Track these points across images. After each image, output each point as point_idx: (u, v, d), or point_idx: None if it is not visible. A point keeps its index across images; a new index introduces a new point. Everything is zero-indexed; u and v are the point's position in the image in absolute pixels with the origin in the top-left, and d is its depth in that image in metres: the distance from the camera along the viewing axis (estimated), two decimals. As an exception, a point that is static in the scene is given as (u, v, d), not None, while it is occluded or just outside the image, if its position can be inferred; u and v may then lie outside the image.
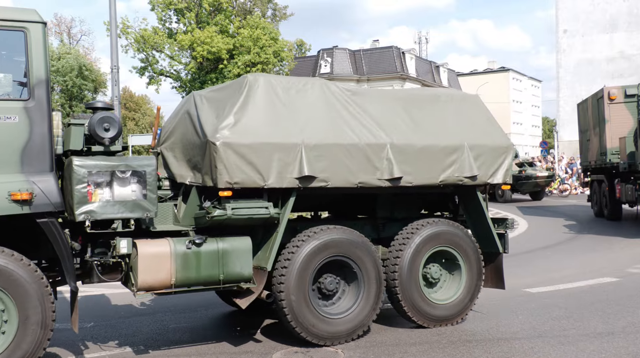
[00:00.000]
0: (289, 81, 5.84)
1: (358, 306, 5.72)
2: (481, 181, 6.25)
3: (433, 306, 6.13)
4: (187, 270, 5.20)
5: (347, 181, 5.60)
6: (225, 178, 5.12)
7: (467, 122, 6.42)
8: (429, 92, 6.85)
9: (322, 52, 62.10)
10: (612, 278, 8.71)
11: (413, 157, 5.87)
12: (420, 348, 5.60)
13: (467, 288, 6.30)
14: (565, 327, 6.19)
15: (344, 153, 5.55)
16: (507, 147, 6.50)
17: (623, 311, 6.79)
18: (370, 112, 5.93)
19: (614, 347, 5.51)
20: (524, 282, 8.54)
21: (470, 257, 6.30)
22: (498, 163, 6.37)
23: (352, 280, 5.79)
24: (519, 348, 5.55)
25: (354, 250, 5.68)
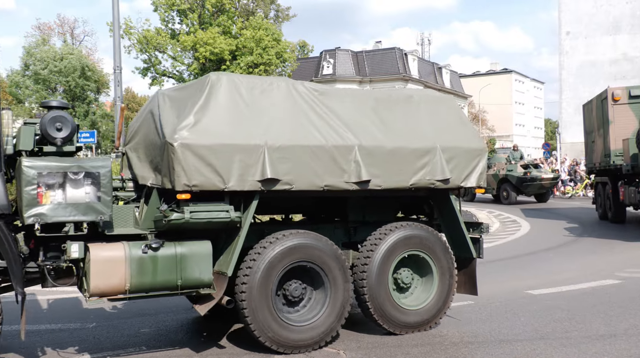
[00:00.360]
0: (253, 81, 5.68)
1: (324, 313, 5.54)
2: (454, 185, 6.11)
3: (403, 312, 5.95)
4: (142, 275, 5.02)
5: (313, 184, 5.43)
6: (183, 181, 4.94)
7: (440, 124, 6.26)
8: (401, 93, 6.65)
9: (324, 54, 62.10)
10: (615, 280, 8.70)
11: (382, 159, 5.72)
12: (423, 350, 5.60)
13: (439, 293, 6.12)
14: (568, 329, 6.19)
15: (310, 155, 5.39)
16: (481, 150, 6.33)
17: (625, 313, 6.78)
18: (339, 113, 5.76)
19: (616, 349, 5.51)
20: (526, 284, 8.54)
21: (442, 262, 6.14)
22: (472, 166, 6.22)
23: (318, 286, 5.62)
24: (521, 350, 5.54)
25: (319, 255, 5.50)
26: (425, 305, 6.08)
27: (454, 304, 7.27)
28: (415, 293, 6.20)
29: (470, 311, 7.02)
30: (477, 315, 6.81)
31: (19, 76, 55.76)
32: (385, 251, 5.85)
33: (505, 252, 12.12)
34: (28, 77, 55.87)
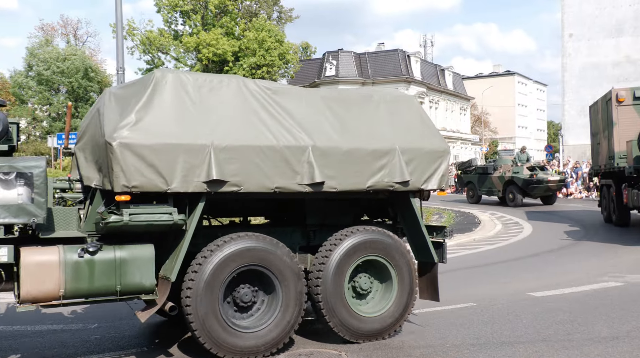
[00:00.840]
0: (202, 78, 5.46)
1: (275, 319, 5.34)
2: (414, 187, 5.92)
3: (361, 319, 5.74)
4: (78, 280, 4.80)
5: (263, 186, 5.23)
6: (122, 182, 4.72)
7: (400, 124, 6.07)
8: (360, 92, 6.44)
9: (327, 55, 62.12)
10: (617, 282, 8.68)
11: (338, 161, 5.53)
12: (424, 352, 5.59)
13: (399, 300, 5.91)
14: (570, 331, 6.18)
15: (260, 156, 5.20)
16: (443, 151, 6.15)
17: (627, 315, 6.77)
18: (293, 113, 5.57)
19: (618, 351, 5.50)
20: (528, 286, 8.53)
21: (402, 267, 5.92)
22: (433, 168, 6.03)
23: (271, 291, 5.41)
24: (523, 352, 5.54)
25: (270, 259, 5.29)
26: (383, 312, 5.86)
27: (454, 306, 7.32)
28: (375, 299, 5.98)
29: (472, 313, 7.01)
30: (478, 317, 6.80)
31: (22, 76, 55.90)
32: (341, 257, 5.64)
33: (507, 254, 12.11)
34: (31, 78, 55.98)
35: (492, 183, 24.98)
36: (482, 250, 12.84)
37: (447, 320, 6.71)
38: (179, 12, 50.30)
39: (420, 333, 6.21)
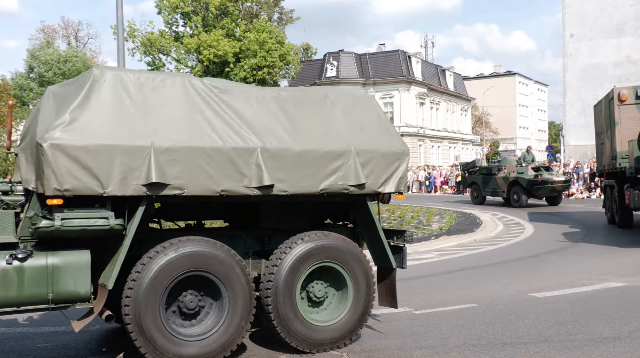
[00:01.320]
0: (145, 77, 5.19)
1: (221, 326, 5.10)
2: (370, 190, 5.70)
3: (313, 328, 5.49)
4: (6, 288, 4.57)
5: (208, 189, 5.01)
6: (54, 185, 4.50)
7: (357, 125, 5.86)
8: (314, 91, 6.13)
9: (328, 56, 62.17)
10: (619, 282, 8.67)
11: (289, 163, 5.33)
12: (426, 353, 5.59)
13: (354, 308, 5.67)
14: (572, 332, 6.17)
15: (204, 158, 4.98)
16: (402, 153, 5.92)
17: (629, 316, 6.76)
18: (241, 113, 5.35)
19: (620, 352, 5.49)
20: (530, 286, 8.52)
21: (358, 274, 5.68)
22: (390, 170, 5.82)
23: (218, 298, 5.18)
24: (525, 352, 5.53)
25: (215, 264, 5.06)
26: (337, 321, 5.63)
27: (455, 307, 7.32)
28: (331, 307, 5.76)
29: (473, 314, 7.01)
30: (480, 318, 6.80)
31: (23, 78, 56.00)
32: (293, 263, 5.41)
33: (509, 255, 12.10)
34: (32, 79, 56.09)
35: (497, 183, 24.81)
36: (483, 251, 12.84)
37: (449, 320, 6.71)
38: (179, 14, 50.36)
39: (422, 333, 6.20)
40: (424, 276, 9.75)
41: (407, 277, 9.67)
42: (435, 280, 9.46)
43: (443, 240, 14.41)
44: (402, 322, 6.70)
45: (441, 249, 13.14)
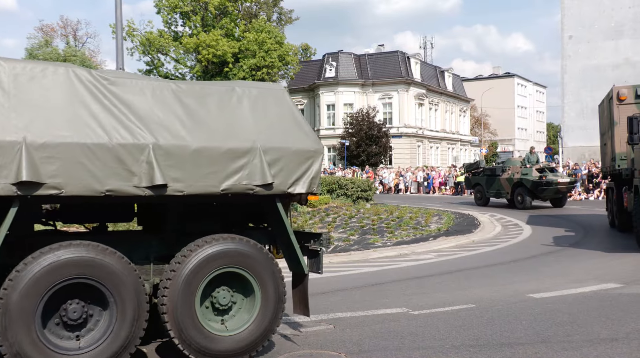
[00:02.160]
0: (21, 66, 4.74)
1: (107, 338, 4.69)
2: (279, 191, 5.37)
3: (214, 338, 5.11)
4: None
5: (90, 189, 4.62)
6: None
7: (265, 121, 5.52)
8: (221, 85, 5.75)
9: (327, 57, 62.18)
10: (616, 284, 8.69)
11: (185, 161, 4.98)
12: (424, 353, 5.60)
13: (261, 317, 5.31)
14: (569, 333, 6.18)
15: (87, 155, 4.59)
16: (315, 151, 5.62)
17: (627, 317, 6.77)
18: (134, 107, 4.96)
19: (618, 353, 5.51)
20: (527, 287, 8.54)
21: (266, 280, 5.32)
22: (301, 169, 5.50)
23: (106, 307, 4.77)
24: (523, 353, 5.54)
25: (99, 270, 4.63)
26: (242, 331, 5.26)
27: (453, 308, 7.32)
28: (238, 315, 5.37)
29: (471, 314, 7.02)
30: (478, 319, 6.81)
31: (22, 77, 55.69)
32: (193, 269, 5.03)
33: (507, 256, 12.12)
34: (31, 78, 55.76)
35: (501, 184, 24.58)
36: (481, 252, 12.85)
37: (447, 321, 6.72)
38: (178, 14, 50.36)
39: (420, 334, 6.21)
40: (422, 277, 9.76)
41: (405, 278, 9.71)
42: (433, 280, 9.47)
43: (441, 240, 14.42)
44: (400, 322, 6.71)
45: (439, 250, 13.16)
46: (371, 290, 8.66)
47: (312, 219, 18.06)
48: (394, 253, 12.47)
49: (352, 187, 27.67)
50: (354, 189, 27.51)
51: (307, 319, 6.81)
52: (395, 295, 8.21)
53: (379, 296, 8.19)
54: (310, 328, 6.44)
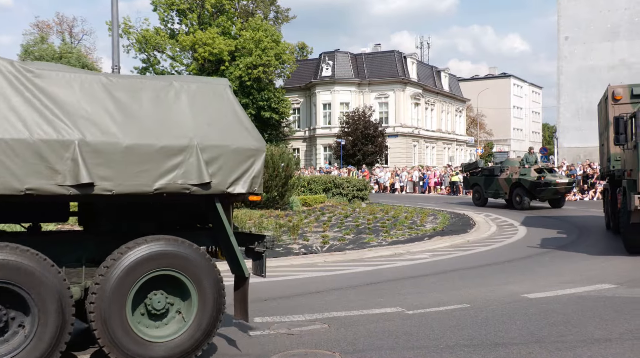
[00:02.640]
0: None
1: (29, 344, 4.46)
2: (217, 190, 5.14)
3: (146, 344, 4.87)
4: None
5: (8, 187, 4.38)
6: None
7: (204, 118, 5.28)
8: (158, 80, 5.51)
9: (323, 56, 62.14)
10: (610, 284, 8.72)
11: (115, 158, 4.74)
12: (418, 353, 5.60)
13: (198, 322, 5.08)
14: (563, 333, 6.20)
15: (4, 151, 4.36)
16: (257, 149, 5.38)
17: (620, 318, 6.80)
18: (58, 101, 4.71)
19: (611, 353, 5.52)
20: (522, 288, 8.56)
21: (204, 283, 5.09)
22: (242, 168, 5.28)
23: (28, 312, 4.53)
24: (517, 353, 5.55)
25: (18, 273, 4.41)
26: (177, 336, 5.02)
27: (448, 307, 7.33)
28: (174, 321, 5.14)
29: (466, 314, 7.03)
30: (473, 319, 6.82)
31: (17, 74, 55.52)
32: (123, 272, 4.80)
33: (501, 256, 12.14)
34: (26, 75, 55.59)
35: (499, 185, 24.55)
36: (476, 252, 12.87)
37: (441, 321, 6.73)
38: (175, 11, 50.31)
39: (414, 333, 6.21)
40: (416, 277, 9.77)
41: (400, 277, 9.72)
42: (428, 280, 9.49)
43: (436, 240, 14.44)
44: (394, 321, 6.71)
45: (434, 249, 13.18)
46: (366, 290, 8.66)
47: (307, 218, 18.07)
48: (389, 252, 12.48)
49: (348, 186, 27.70)
50: (349, 189, 27.54)
51: (302, 318, 6.82)
52: (390, 295, 8.22)
53: (373, 295, 8.19)
54: (305, 328, 6.44)
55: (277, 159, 20.73)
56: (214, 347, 5.76)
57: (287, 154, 22.13)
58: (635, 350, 5.62)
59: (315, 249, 12.48)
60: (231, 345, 5.85)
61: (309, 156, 62.94)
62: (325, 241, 13.32)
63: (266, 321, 6.72)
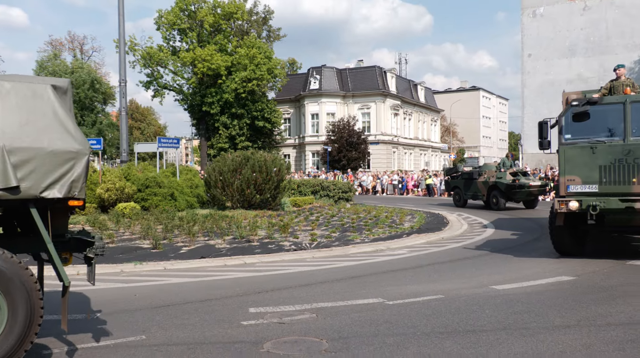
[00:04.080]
0: None
1: None
2: (29, 195, 4.51)
3: None
4: None
5: None
6: None
7: (16, 118, 4.62)
8: None
9: (311, 70, 62.17)
10: (568, 277, 8.78)
11: None
12: (397, 339, 5.61)
13: (7, 332, 4.40)
14: (527, 321, 6.23)
15: None
16: (78, 152, 4.73)
17: (578, 306, 6.85)
18: None
19: (570, 338, 5.57)
20: (490, 280, 8.60)
21: (14, 293, 4.40)
22: (59, 172, 4.63)
23: None
24: (486, 339, 5.58)
25: None
26: None
27: (424, 298, 7.34)
28: None
29: (440, 304, 7.05)
30: (446, 308, 6.84)
31: (32, 87, 55.05)
32: None
33: (472, 251, 12.19)
34: (40, 88, 55.09)
35: (477, 187, 24.69)
36: (449, 248, 12.91)
37: (418, 310, 6.74)
38: (176, 30, 50.17)
39: (394, 322, 6.22)
40: (396, 271, 9.79)
41: (381, 271, 9.72)
42: (406, 273, 9.50)
43: (414, 237, 14.47)
44: (376, 311, 6.71)
45: (412, 246, 13.20)
46: (350, 282, 8.66)
47: (297, 218, 18.03)
48: (371, 248, 12.48)
49: (334, 189, 27.68)
50: (335, 191, 27.52)
51: (293, 308, 6.81)
52: (371, 287, 8.22)
53: (357, 287, 8.19)
54: (295, 317, 6.43)
55: (270, 164, 20.67)
56: (212, 334, 5.73)
57: (278, 160, 22.05)
58: (591, 335, 5.67)
59: (305, 246, 12.45)
60: (227, 332, 5.82)
61: (298, 162, 62.84)
62: (313, 239, 13.30)
63: (260, 311, 6.70)
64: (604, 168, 9.66)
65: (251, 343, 5.48)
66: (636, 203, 9.34)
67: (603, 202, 9.58)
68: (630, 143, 9.46)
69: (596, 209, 9.61)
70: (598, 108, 9.98)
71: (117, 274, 9.38)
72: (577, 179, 9.89)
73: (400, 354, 5.16)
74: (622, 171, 9.51)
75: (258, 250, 11.71)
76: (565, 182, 10.00)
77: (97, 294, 7.75)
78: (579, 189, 9.87)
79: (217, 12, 49.17)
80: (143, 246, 11.95)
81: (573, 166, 9.97)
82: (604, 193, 9.66)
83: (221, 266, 10.18)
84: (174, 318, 6.47)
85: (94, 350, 5.30)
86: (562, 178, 10.10)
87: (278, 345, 5.44)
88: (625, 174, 9.49)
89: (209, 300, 7.36)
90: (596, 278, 8.72)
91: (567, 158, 10.05)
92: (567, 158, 10.05)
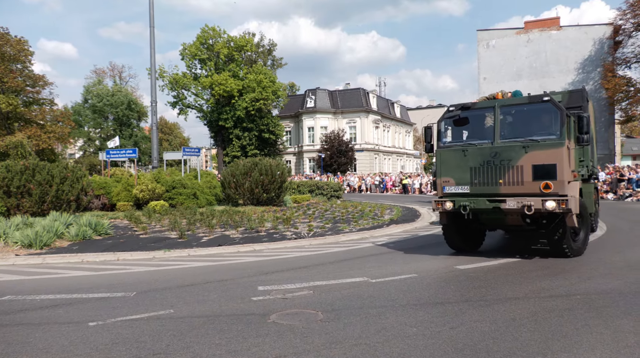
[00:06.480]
0: None
1: None
2: None
3: None
4: None
5: None
6: None
7: None
8: None
9: (307, 92, 62.11)
10: (518, 258, 8.79)
11: None
12: (379, 310, 5.59)
13: None
14: (484, 294, 6.23)
15: None
16: None
17: (525, 281, 6.85)
18: None
19: (519, 307, 5.56)
20: (454, 261, 8.59)
21: None
22: None
23: None
24: (451, 309, 5.57)
25: None
26: None
27: (400, 277, 7.31)
28: None
29: (414, 281, 7.03)
30: (419, 284, 6.82)
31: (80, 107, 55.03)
32: None
33: (440, 238, 12.16)
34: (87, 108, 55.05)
35: None
36: (421, 235, 12.90)
37: (397, 287, 6.72)
38: (197, 60, 50.10)
39: (377, 296, 6.20)
40: (378, 255, 9.76)
41: (366, 255, 9.69)
42: (386, 257, 9.48)
43: (392, 227, 14.45)
44: (362, 288, 6.69)
45: (391, 234, 13.18)
46: (341, 265, 8.63)
47: (297, 212, 17.98)
48: (357, 236, 12.45)
49: (327, 188, 27.64)
50: (328, 190, 27.48)
51: (294, 286, 6.77)
52: (358, 268, 8.19)
53: (346, 269, 8.16)
54: (296, 293, 6.39)
55: (274, 168, 20.65)
56: (224, 308, 5.70)
57: (281, 165, 22.01)
58: (537, 304, 5.66)
59: (303, 235, 12.41)
60: (240, 306, 5.78)
61: (298, 166, 62.75)
62: (310, 229, 13.25)
63: (266, 289, 6.67)
64: (475, 170, 8.50)
65: (260, 315, 5.45)
66: (502, 203, 8.19)
67: (473, 202, 8.44)
68: (497, 145, 8.32)
69: (466, 209, 8.49)
70: (474, 113, 8.81)
71: (149, 259, 9.32)
72: (452, 181, 8.76)
73: (382, 322, 5.14)
74: (490, 172, 8.36)
75: (265, 239, 11.66)
76: (442, 183, 8.88)
77: (133, 276, 7.70)
78: (452, 190, 8.75)
79: (231, 45, 49.18)
80: (171, 237, 11.88)
81: (448, 168, 8.81)
82: (474, 193, 8.54)
83: (235, 253, 10.13)
84: (196, 295, 6.43)
85: (131, 322, 5.26)
86: (438, 180, 8.93)
87: (282, 316, 5.41)
88: (493, 176, 8.34)
89: (224, 280, 7.32)
90: (539, 259, 8.73)
91: (443, 161, 8.88)
92: (443, 160, 8.88)
